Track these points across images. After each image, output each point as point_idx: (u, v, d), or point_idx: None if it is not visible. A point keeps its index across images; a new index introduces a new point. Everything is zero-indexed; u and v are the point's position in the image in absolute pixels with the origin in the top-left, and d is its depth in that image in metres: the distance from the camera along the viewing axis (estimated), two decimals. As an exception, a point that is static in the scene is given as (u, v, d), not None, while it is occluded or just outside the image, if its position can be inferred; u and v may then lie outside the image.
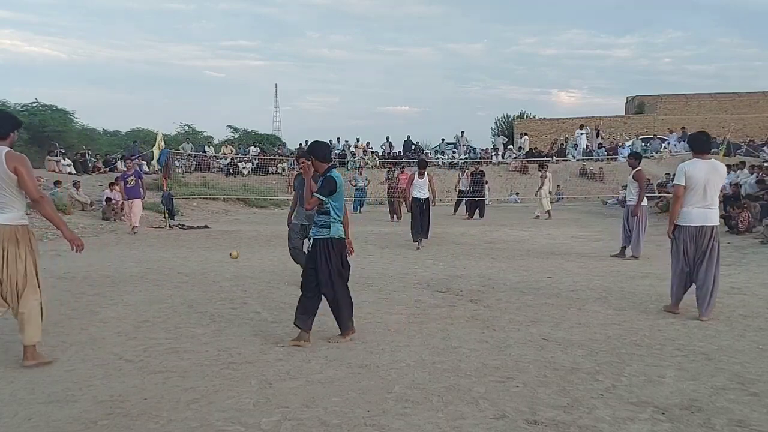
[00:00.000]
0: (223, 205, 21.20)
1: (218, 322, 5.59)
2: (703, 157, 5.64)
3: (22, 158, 4.14)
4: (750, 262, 9.01)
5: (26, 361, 4.27)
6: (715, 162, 5.70)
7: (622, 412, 3.44)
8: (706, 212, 5.56)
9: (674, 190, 5.70)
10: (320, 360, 4.44)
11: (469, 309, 6.11)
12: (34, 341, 4.27)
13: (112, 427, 3.28)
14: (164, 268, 8.78)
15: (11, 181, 4.07)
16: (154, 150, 17.56)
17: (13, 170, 4.04)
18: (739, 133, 31.40)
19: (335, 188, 4.76)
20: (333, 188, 4.74)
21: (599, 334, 5.10)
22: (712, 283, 5.53)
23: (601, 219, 17.86)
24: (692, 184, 5.52)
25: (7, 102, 32.33)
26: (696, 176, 5.52)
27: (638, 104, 42.09)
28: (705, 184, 5.51)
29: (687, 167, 5.61)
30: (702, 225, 5.54)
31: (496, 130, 45.59)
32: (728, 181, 15.94)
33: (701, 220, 5.54)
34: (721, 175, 5.66)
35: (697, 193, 5.53)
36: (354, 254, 5.15)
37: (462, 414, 3.42)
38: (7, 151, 4.11)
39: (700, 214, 5.55)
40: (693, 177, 5.53)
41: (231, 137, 40.89)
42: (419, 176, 11.17)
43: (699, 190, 5.52)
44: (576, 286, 7.31)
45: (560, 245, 11.55)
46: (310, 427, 3.26)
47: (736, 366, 4.25)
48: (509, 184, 27.43)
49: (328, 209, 4.79)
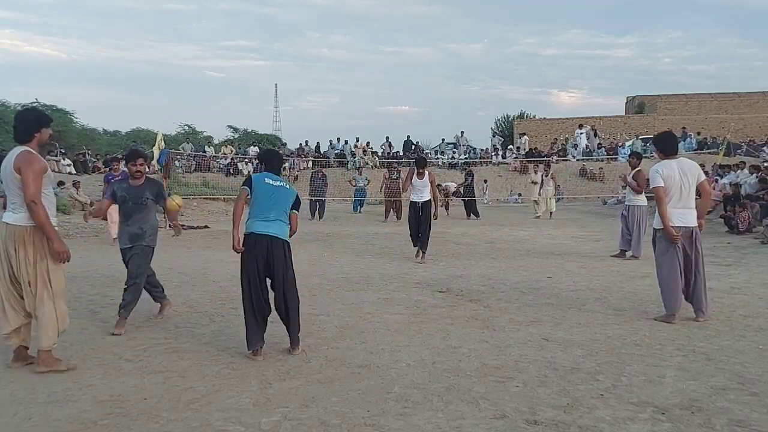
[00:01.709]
0: (223, 205, 21.18)
1: (218, 322, 5.59)
2: (671, 157, 5.59)
3: (28, 160, 4.05)
4: (750, 262, 9.00)
5: (39, 367, 4.15)
6: (684, 161, 5.63)
7: (622, 412, 3.44)
8: (685, 213, 5.49)
9: (656, 192, 5.55)
10: (320, 360, 4.44)
11: (469, 309, 6.10)
12: (48, 346, 4.16)
13: (112, 426, 3.28)
14: (164, 268, 8.77)
15: (19, 182, 4.04)
16: (154, 150, 17.54)
17: (17, 170, 4.02)
18: (739, 133, 31.39)
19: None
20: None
21: (599, 334, 5.10)
22: (703, 283, 5.52)
23: (601, 219, 17.86)
24: (668, 184, 5.46)
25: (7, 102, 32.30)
26: (671, 177, 5.46)
27: (638, 104, 42.10)
28: (680, 185, 5.46)
29: (660, 168, 5.53)
30: (684, 226, 5.47)
31: (496, 130, 45.59)
32: (728, 181, 15.98)
33: (682, 221, 5.47)
34: (693, 173, 5.52)
35: (674, 195, 5.47)
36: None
37: (462, 414, 3.42)
38: (21, 151, 4.09)
39: (679, 215, 5.48)
40: (669, 178, 5.47)
41: (231, 137, 40.85)
42: (418, 176, 9.64)
43: (676, 191, 5.46)
44: (576, 286, 7.31)
45: (560, 245, 11.55)
46: (310, 427, 3.26)
47: (736, 366, 4.25)
48: (509, 184, 27.44)
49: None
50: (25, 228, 4.07)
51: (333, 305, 6.29)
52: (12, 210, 4.11)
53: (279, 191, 4.70)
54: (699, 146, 27.60)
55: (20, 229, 4.07)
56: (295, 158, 29.12)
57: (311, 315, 5.83)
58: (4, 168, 4.13)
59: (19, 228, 4.07)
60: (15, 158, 4.06)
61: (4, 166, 4.12)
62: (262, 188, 4.66)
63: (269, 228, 4.59)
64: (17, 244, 4.05)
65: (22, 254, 4.06)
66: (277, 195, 4.69)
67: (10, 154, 4.14)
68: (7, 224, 4.10)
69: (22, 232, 4.07)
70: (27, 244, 4.06)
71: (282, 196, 4.71)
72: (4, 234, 4.09)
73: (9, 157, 4.13)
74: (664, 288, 5.58)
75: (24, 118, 4.25)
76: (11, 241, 4.06)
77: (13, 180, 4.06)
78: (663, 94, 40.76)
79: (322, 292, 7.03)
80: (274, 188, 4.69)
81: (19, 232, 4.06)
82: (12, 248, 4.06)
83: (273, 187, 4.70)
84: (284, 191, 4.74)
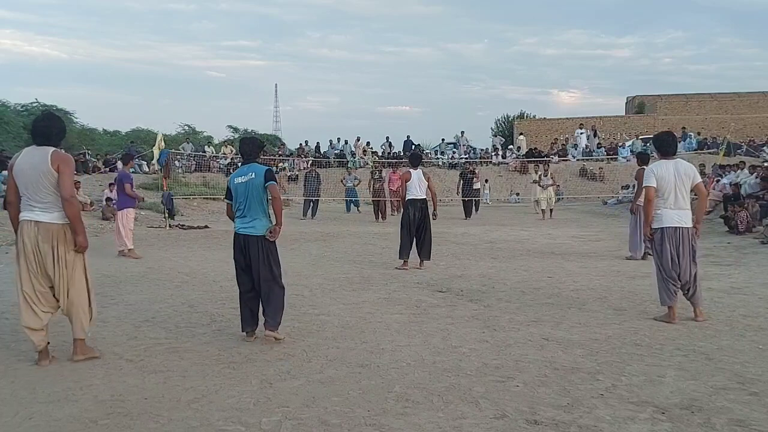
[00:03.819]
0: (223, 205, 21.10)
1: (219, 322, 5.59)
2: (668, 158, 5.59)
3: (67, 159, 4.30)
4: (750, 262, 9.00)
5: (76, 356, 4.38)
6: (680, 162, 5.63)
7: (622, 411, 3.44)
8: (680, 213, 5.49)
9: (646, 192, 5.60)
10: (321, 359, 4.44)
11: (469, 309, 6.11)
12: (84, 336, 4.41)
13: (112, 426, 3.29)
14: (164, 268, 8.78)
15: (54, 179, 4.20)
16: (154, 150, 17.56)
17: (56, 169, 4.18)
18: (739, 133, 31.36)
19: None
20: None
21: (599, 334, 5.10)
22: (697, 282, 5.54)
23: (601, 219, 17.87)
24: (662, 185, 5.47)
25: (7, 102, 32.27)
26: (665, 177, 5.47)
27: (638, 104, 42.10)
28: (675, 186, 5.46)
29: (655, 169, 5.56)
30: (678, 226, 5.48)
31: (496, 130, 45.58)
32: (728, 181, 15.97)
33: (677, 221, 5.48)
34: (689, 174, 5.51)
35: (669, 195, 5.47)
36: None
37: (462, 414, 3.42)
38: (54, 150, 4.26)
39: (674, 215, 5.48)
40: (663, 178, 5.47)
41: (231, 137, 40.84)
42: (414, 173, 8.70)
43: (670, 192, 5.47)
44: (576, 285, 7.31)
45: (560, 245, 11.55)
46: (310, 426, 3.27)
47: (736, 366, 4.25)
48: (509, 184, 27.45)
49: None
50: (62, 226, 4.26)
51: (333, 305, 6.30)
52: (43, 209, 4.22)
53: (247, 186, 4.93)
54: (699, 146, 27.59)
55: (57, 227, 4.24)
56: (294, 158, 29.10)
57: (312, 315, 5.85)
58: (26, 168, 4.22)
59: (56, 226, 4.24)
60: (52, 157, 4.19)
61: (28, 166, 4.22)
62: (233, 189, 5.00)
63: (245, 227, 4.94)
64: (55, 242, 4.22)
65: (61, 250, 4.23)
66: (247, 191, 4.94)
67: (32, 156, 4.25)
68: (40, 223, 4.21)
69: (60, 230, 4.24)
70: (67, 241, 4.26)
71: (251, 190, 4.93)
72: (36, 233, 4.21)
73: (31, 159, 4.24)
74: (658, 283, 5.62)
75: (58, 124, 4.45)
76: (47, 239, 4.20)
77: (46, 178, 4.19)
78: (663, 94, 40.78)
79: (323, 291, 7.04)
80: (241, 185, 4.96)
81: (57, 230, 4.23)
82: (48, 246, 4.20)
83: (240, 184, 4.97)
84: (250, 184, 4.93)
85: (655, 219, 5.57)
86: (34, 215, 4.22)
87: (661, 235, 5.53)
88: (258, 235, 4.90)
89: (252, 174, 4.93)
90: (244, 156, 5.15)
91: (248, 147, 5.16)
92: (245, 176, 4.95)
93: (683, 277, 5.48)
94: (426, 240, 8.75)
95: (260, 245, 4.89)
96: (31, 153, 4.27)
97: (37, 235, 4.20)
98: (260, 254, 4.88)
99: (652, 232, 5.60)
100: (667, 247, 5.48)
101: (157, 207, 16.68)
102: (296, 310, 5.94)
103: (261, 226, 4.92)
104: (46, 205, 4.21)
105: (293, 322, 5.45)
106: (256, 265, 4.88)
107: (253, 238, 4.89)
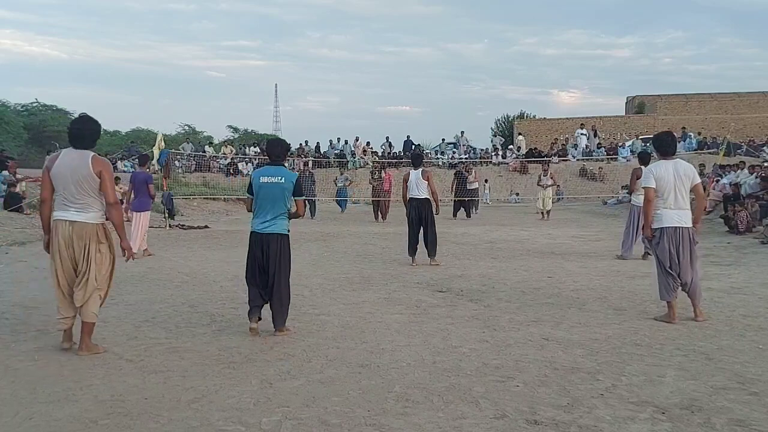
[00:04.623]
0: (223, 205, 21.19)
1: (219, 322, 5.59)
2: (667, 158, 5.60)
3: (107, 163, 4.55)
4: (750, 262, 9.01)
5: (81, 351, 4.52)
6: (680, 162, 5.63)
7: (622, 411, 3.44)
8: (680, 213, 5.50)
9: (645, 193, 5.61)
10: (321, 359, 4.44)
11: (469, 309, 6.11)
12: (94, 318, 4.55)
13: (112, 426, 3.29)
14: (164, 268, 8.78)
15: (95, 183, 4.41)
16: (155, 150, 17.55)
17: (97, 174, 4.39)
18: (739, 133, 31.34)
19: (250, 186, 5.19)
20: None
21: (599, 334, 5.10)
22: (698, 282, 5.55)
23: (601, 219, 17.87)
24: (661, 186, 5.48)
25: (7, 102, 32.33)
26: (665, 178, 5.47)
27: (638, 104, 42.07)
28: (674, 186, 5.46)
29: (654, 169, 5.57)
30: (678, 226, 5.48)
31: (496, 130, 45.57)
32: (728, 181, 15.97)
33: (676, 221, 5.49)
34: (688, 175, 5.52)
35: (668, 196, 5.48)
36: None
37: (462, 413, 3.42)
38: (93, 155, 4.46)
39: (674, 215, 5.49)
40: (662, 179, 5.48)
41: (231, 137, 40.89)
42: (414, 173, 9.03)
43: (670, 192, 5.47)
44: (576, 285, 7.31)
45: (560, 245, 11.56)
46: (310, 426, 3.27)
47: (736, 365, 4.25)
48: (509, 184, 27.45)
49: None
50: (98, 225, 4.50)
51: (334, 305, 6.30)
52: (78, 210, 4.41)
53: (271, 188, 5.02)
54: (699, 146, 27.57)
55: (92, 226, 4.46)
56: (294, 158, 29.10)
57: (312, 314, 5.85)
58: (65, 170, 4.38)
59: (91, 225, 4.45)
60: (93, 162, 4.39)
61: (67, 168, 4.38)
62: (256, 187, 5.06)
63: (265, 226, 5.04)
64: (88, 240, 4.43)
65: (93, 248, 4.44)
66: (270, 192, 5.02)
67: (71, 159, 4.42)
68: (75, 222, 4.40)
69: (93, 229, 4.46)
70: (100, 239, 4.48)
71: (277, 194, 5.02)
72: (70, 232, 4.40)
73: (71, 162, 4.40)
74: (658, 278, 5.63)
75: (93, 127, 4.60)
76: (81, 238, 4.41)
77: (86, 182, 4.38)
78: (663, 94, 40.76)
79: (323, 291, 7.04)
80: (267, 185, 5.03)
81: (90, 229, 4.45)
82: (81, 242, 4.41)
83: (266, 184, 5.04)
84: (276, 186, 5.02)
85: (654, 219, 5.57)
86: (69, 215, 4.41)
87: (661, 235, 5.53)
88: (279, 234, 5.06)
89: (281, 178, 5.04)
90: (272, 157, 5.25)
91: (276, 149, 5.29)
92: (273, 177, 5.05)
93: (683, 277, 5.49)
94: (429, 235, 9.12)
95: (280, 244, 5.07)
96: (70, 155, 4.44)
97: (72, 234, 4.40)
98: (279, 253, 5.05)
99: (653, 232, 5.61)
100: (667, 247, 5.49)
101: (157, 207, 16.67)
102: (296, 310, 5.92)
103: (282, 226, 5.08)
104: (81, 206, 4.42)
105: (293, 322, 5.44)
106: (274, 263, 5.02)
107: (274, 236, 5.04)
